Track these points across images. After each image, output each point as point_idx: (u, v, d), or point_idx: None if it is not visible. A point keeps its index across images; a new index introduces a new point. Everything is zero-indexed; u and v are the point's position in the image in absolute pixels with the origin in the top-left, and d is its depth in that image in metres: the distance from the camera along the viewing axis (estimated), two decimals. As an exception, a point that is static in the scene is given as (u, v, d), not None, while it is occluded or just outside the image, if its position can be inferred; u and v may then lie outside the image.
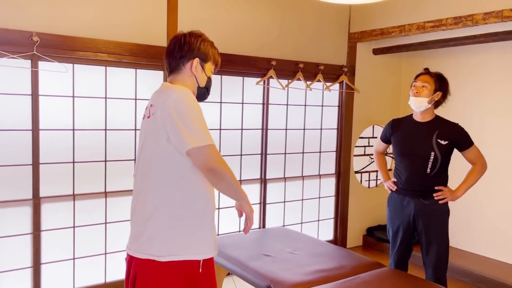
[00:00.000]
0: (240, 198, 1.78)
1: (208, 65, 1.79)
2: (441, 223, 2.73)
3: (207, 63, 1.78)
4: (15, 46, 2.73)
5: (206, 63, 1.78)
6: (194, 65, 1.74)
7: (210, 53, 1.78)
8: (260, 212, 4.04)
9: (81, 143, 3.08)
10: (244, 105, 3.85)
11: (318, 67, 4.12)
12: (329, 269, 2.52)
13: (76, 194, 3.09)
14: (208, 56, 1.78)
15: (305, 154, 4.29)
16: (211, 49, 1.79)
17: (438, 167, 2.68)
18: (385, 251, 4.40)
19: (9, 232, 2.88)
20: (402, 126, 2.87)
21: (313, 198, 4.40)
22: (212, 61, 1.80)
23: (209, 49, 1.78)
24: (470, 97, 4.14)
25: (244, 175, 3.92)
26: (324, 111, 4.37)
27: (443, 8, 3.50)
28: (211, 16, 3.53)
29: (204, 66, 1.77)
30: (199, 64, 1.75)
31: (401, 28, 3.82)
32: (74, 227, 3.11)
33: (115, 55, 3.09)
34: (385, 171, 3.05)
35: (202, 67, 1.76)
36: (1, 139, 2.81)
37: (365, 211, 4.73)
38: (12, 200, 2.87)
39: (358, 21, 4.29)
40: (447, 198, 2.70)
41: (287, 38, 3.98)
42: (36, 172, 2.92)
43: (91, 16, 3.01)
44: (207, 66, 1.79)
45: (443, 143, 2.67)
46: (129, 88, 3.26)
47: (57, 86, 2.97)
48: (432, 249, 2.72)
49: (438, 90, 2.71)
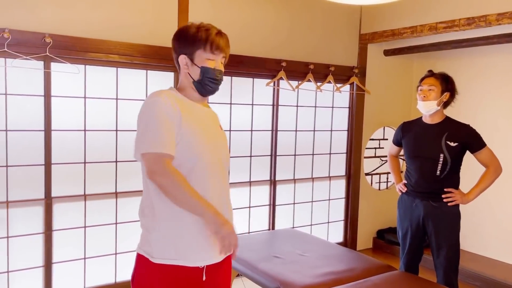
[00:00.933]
0: (199, 214, 1.52)
1: (199, 54, 1.61)
2: (451, 226, 2.70)
3: (196, 52, 1.61)
4: (28, 47, 2.76)
5: (194, 54, 1.61)
6: (183, 63, 1.64)
7: (195, 41, 1.60)
8: (269, 214, 4.04)
9: (92, 144, 3.10)
10: (254, 106, 3.85)
11: (328, 68, 4.11)
12: (339, 272, 2.51)
13: (87, 194, 3.12)
14: (192, 47, 1.61)
15: (315, 156, 4.27)
16: (195, 37, 1.60)
17: (448, 169, 2.65)
18: (396, 254, 4.36)
19: (21, 231, 2.91)
20: (412, 129, 2.85)
21: (323, 200, 4.38)
22: (201, 48, 1.60)
23: (191, 39, 1.61)
24: (483, 99, 4.09)
25: (254, 176, 3.91)
26: (335, 112, 4.36)
27: (455, 8, 3.47)
28: (222, 17, 3.54)
29: (194, 58, 1.62)
30: (187, 59, 1.63)
31: (412, 29, 3.79)
32: (85, 227, 3.13)
33: (126, 56, 3.11)
34: (397, 173, 3.03)
35: (191, 61, 1.62)
36: (15, 140, 2.84)
37: (375, 214, 4.70)
38: (25, 200, 2.90)
39: (369, 22, 4.26)
40: (457, 201, 2.66)
41: (298, 39, 3.97)
42: (48, 172, 2.95)
43: (103, 18, 3.04)
44: (197, 56, 1.61)
45: (452, 145, 2.64)
46: (140, 89, 3.28)
47: (69, 87, 3.00)
48: (442, 252, 2.69)
49: (445, 90, 2.69)
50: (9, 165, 2.84)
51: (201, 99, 1.70)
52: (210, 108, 1.77)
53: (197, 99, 1.68)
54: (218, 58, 1.64)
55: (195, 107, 1.65)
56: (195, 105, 1.66)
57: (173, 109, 1.53)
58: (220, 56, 1.65)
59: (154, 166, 1.48)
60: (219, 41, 1.62)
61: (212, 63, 1.63)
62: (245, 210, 3.89)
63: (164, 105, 1.52)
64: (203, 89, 1.65)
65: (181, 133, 1.53)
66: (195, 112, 1.63)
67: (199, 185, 1.56)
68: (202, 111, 1.68)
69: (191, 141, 1.55)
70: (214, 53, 1.62)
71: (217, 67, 1.64)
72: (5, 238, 2.86)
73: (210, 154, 1.60)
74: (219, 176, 1.64)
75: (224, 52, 1.66)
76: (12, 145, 2.84)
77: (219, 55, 1.64)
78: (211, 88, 1.65)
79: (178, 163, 1.53)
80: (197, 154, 1.56)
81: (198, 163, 1.57)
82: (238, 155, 3.78)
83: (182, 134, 1.54)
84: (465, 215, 2.96)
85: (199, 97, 1.68)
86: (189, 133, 1.55)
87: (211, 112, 1.75)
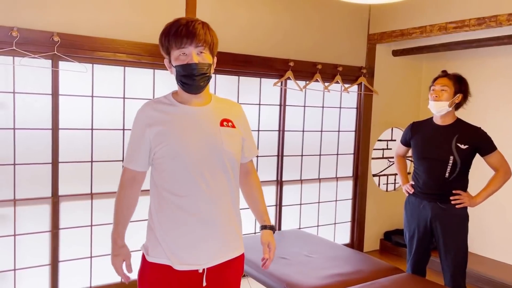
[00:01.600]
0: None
1: (173, 54, 1.54)
2: (459, 228, 2.67)
3: (171, 53, 1.55)
4: (36, 46, 2.77)
5: (170, 56, 1.56)
6: (168, 67, 1.61)
7: (165, 43, 1.54)
8: (276, 214, 4.02)
9: (99, 143, 3.10)
10: (261, 106, 3.83)
11: (336, 68, 4.08)
12: (346, 273, 2.49)
13: (94, 193, 3.12)
14: (167, 49, 1.55)
15: (322, 156, 4.25)
16: (163, 39, 1.55)
17: (458, 172, 2.62)
18: (403, 256, 4.33)
19: (28, 229, 2.92)
20: (422, 129, 2.82)
21: (330, 201, 4.35)
22: (173, 47, 1.53)
23: (162, 42, 1.56)
24: (493, 100, 4.04)
25: (261, 176, 3.88)
26: (342, 113, 4.33)
27: (466, 8, 3.43)
28: (229, 17, 3.52)
29: (171, 60, 1.56)
30: (168, 62, 1.59)
31: (422, 29, 3.76)
32: (91, 226, 3.14)
33: (133, 55, 3.11)
34: (404, 174, 3.00)
35: (170, 62, 1.58)
36: (22, 138, 2.85)
37: (382, 215, 4.67)
38: (32, 198, 2.91)
39: (378, 21, 4.23)
40: (465, 203, 2.63)
41: (305, 39, 3.95)
42: (55, 171, 2.95)
43: (111, 17, 3.04)
44: (173, 56, 1.55)
45: (462, 147, 2.61)
46: (147, 88, 3.28)
47: (76, 86, 3.00)
48: (450, 254, 2.67)
49: (458, 92, 2.65)
50: (16, 163, 2.85)
51: (195, 98, 1.60)
52: (210, 105, 1.65)
53: (191, 99, 1.60)
54: (190, 51, 1.51)
55: (180, 112, 1.59)
56: (181, 110, 1.59)
57: (149, 121, 1.57)
58: (191, 48, 1.51)
59: (121, 178, 1.67)
60: (182, 32, 1.50)
61: (184, 58, 1.53)
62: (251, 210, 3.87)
63: (139, 121, 1.60)
64: (184, 87, 1.56)
65: (160, 140, 1.55)
66: (180, 119, 1.58)
67: (182, 187, 1.55)
68: (192, 114, 1.60)
69: (170, 143, 1.55)
70: (182, 48, 1.51)
71: (190, 61, 1.52)
72: (12, 236, 2.87)
73: (194, 154, 1.55)
74: (209, 176, 1.57)
75: (195, 42, 1.50)
76: (20, 143, 2.85)
77: (188, 47, 1.51)
78: (190, 84, 1.54)
79: (163, 167, 1.57)
80: (177, 156, 1.54)
81: (179, 165, 1.55)
82: (245, 155, 3.76)
83: (162, 140, 1.55)
84: (474, 217, 2.92)
85: (191, 96, 1.59)
86: (166, 139, 1.55)
87: (209, 111, 1.63)
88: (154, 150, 1.57)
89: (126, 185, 1.65)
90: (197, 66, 1.52)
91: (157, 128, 1.56)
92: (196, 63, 1.52)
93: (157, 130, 1.56)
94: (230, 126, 1.64)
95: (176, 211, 1.57)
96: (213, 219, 1.59)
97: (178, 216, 1.57)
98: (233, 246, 1.67)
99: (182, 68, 1.53)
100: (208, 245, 1.58)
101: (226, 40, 3.47)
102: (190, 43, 1.51)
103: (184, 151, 1.54)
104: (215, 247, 1.60)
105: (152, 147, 1.57)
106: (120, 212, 1.68)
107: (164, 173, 1.57)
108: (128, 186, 1.65)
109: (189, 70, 1.52)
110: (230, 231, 1.65)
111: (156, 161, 1.59)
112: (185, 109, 1.60)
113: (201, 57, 1.54)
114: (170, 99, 1.62)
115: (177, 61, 1.54)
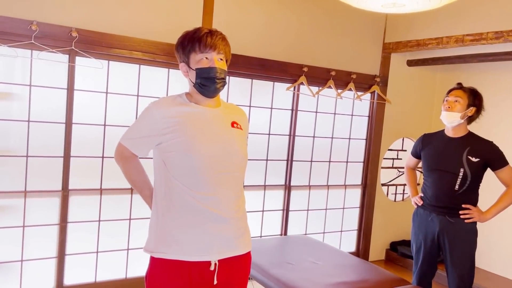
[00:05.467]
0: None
1: (193, 58, 1.63)
2: (467, 243, 2.64)
3: (190, 57, 1.63)
4: (54, 40, 2.81)
5: (189, 59, 1.64)
6: (183, 71, 1.69)
7: (187, 46, 1.63)
8: (282, 219, 4.01)
9: (111, 139, 3.12)
10: (273, 110, 3.84)
11: (350, 76, 4.07)
12: (351, 282, 2.47)
13: (103, 188, 3.14)
14: (187, 53, 1.63)
15: (331, 163, 4.24)
16: (185, 42, 1.63)
17: (468, 185, 2.60)
18: (408, 267, 4.29)
19: (37, 221, 2.95)
20: (433, 141, 2.81)
21: (337, 208, 4.34)
22: (193, 51, 1.62)
23: (183, 45, 1.64)
24: (507, 116, 4.00)
25: (269, 180, 3.90)
26: (354, 120, 4.32)
27: (484, 21, 3.41)
28: (245, 20, 3.54)
29: (190, 63, 1.64)
30: (185, 65, 1.66)
31: (438, 40, 3.74)
32: (99, 221, 3.16)
33: (149, 54, 3.14)
34: (414, 186, 2.98)
35: (188, 66, 1.65)
36: (36, 131, 2.88)
37: (389, 225, 4.64)
38: (42, 190, 2.94)
39: (394, 31, 4.22)
40: (474, 218, 2.61)
41: (320, 45, 3.95)
42: (67, 165, 2.98)
43: (129, 15, 3.07)
44: (192, 60, 1.63)
45: (474, 160, 2.58)
46: (161, 87, 3.30)
47: (91, 81, 3.03)
48: (456, 269, 2.64)
49: (471, 105, 2.63)
50: (29, 155, 2.88)
51: (209, 100, 1.68)
52: (220, 108, 1.72)
53: (204, 101, 1.68)
54: (212, 56, 1.62)
55: (195, 110, 1.66)
56: (196, 109, 1.66)
57: (162, 118, 1.60)
58: (214, 54, 1.62)
59: (115, 153, 1.73)
60: (207, 39, 1.61)
61: (206, 62, 1.62)
62: (258, 214, 3.87)
63: (153, 111, 1.62)
64: (202, 90, 1.64)
65: (173, 137, 1.59)
66: (195, 116, 1.65)
67: (197, 182, 1.60)
68: (205, 113, 1.67)
69: (183, 141, 1.59)
70: (205, 52, 1.61)
71: (212, 65, 1.62)
72: (21, 227, 2.90)
73: (208, 151, 1.60)
74: (223, 173, 1.64)
75: (217, 49, 1.62)
76: (33, 136, 2.88)
77: (211, 53, 1.62)
78: (208, 86, 1.62)
79: (175, 161, 1.60)
80: (190, 151, 1.58)
81: (192, 160, 1.59)
82: (254, 158, 3.77)
83: (175, 137, 1.59)
84: (482, 232, 2.89)
85: (205, 98, 1.67)
86: (183, 136, 1.59)
87: (220, 112, 1.71)
88: (166, 142, 1.60)
89: (128, 159, 1.72)
90: (219, 70, 1.62)
91: (171, 120, 1.60)
92: (219, 68, 1.63)
93: (171, 122, 1.60)
94: (239, 128, 1.74)
95: (190, 206, 1.60)
96: (226, 214, 1.64)
97: (192, 210, 1.60)
98: (243, 241, 1.72)
99: (204, 71, 1.61)
100: (221, 238, 1.63)
101: (241, 43, 3.48)
102: (213, 49, 1.62)
103: (198, 146, 1.59)
104: (227, 240, 1.65)
105: (163, 140, 1.60)
106: (136, 181, 1.77)
107: (177, 167, 1.60)
108: (130, 159, 1.73)
109: (211, 73, 1.61)
110: (241, 226, 1.72)
111: (166, 154, 1.61)
112: (199, 108, 1.67)
113: (221, 64, 1.65)
114: (184, 98, 1.69)
115: (199, 64, 1.62)
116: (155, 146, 1.64)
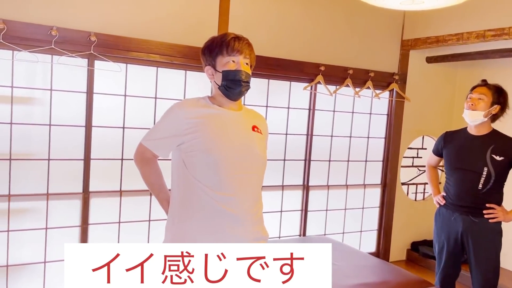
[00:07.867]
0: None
1: (219, 61, 1.68)
2: (491, 243, 2.59)
3: (217, 60, 1.68)
4: (74, 45, 2.85)
5: (216, 62, 1.68)
6: (209, 74, 1.73)
7: (214, 49, 1.68)
8: (301, 219, 4.00)
9: (130, 141, 3.16)
10: (290, 109, 3.82)
11: (368, 74, 4.03)
12: (371, 284, 2.44)
13: (123, 190, 3.18)
14: (213, 56, 1.68)
15: (350, 163, 4.20)
16: (213, 46, 1.69)
17: (492, 184, 2.54)
18: (431, 268, 4.22)
19: (59, 223, 3.00)
20: (455, 139, 2.75)
21: (357, 208, 4.29)
22: (220, 54, 1.67)
23: (210, 49, 1.70)
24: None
25: (287, 180, 3.88)
26: (372, 119, 4.27)
27: (505, 16, 3.32)
28: (262, 20, 3.53)
29: (216, 66, 1.69)
30: (211, 68, 1.71)
31: (458, 36, 3.66)
32: (119, 222, 3.20)
33: (166, 56, 3.16)
34: (435, 185, 2.93)
35: (214, 68, 1.70)
36: (57, 134, 2.93)
37: (410, 225, 4.57)
38: (64, 193, 2.99)
39: (412, 27, 4.15)
40: (499, 218, 2.55)
41: (337, 43, 3.92)
42: (87, 167, 3.02)
43: (146, 19, 3.09)
44: (218, 63, 1.68)
45: (498, 159, 2.52)
46: (179, 89, 3.32)
47: (110, 85, 3.07)
48: (480, 270, 2.59)
49: (496, 103, 2.56)
50: (51, 159, 2.93)
51: (232, 104, 1.72)
52: (242, 112, 1.77)
53: (227, 104, 1.71)
54: (239, 60, 1.67)
55: (218, 112, 1.69)
56: (218, 110, 1.70)
57: (186, 119, 1.63)
58: (240, 57, 1.67)
59: (135, 153, 1.76)
60: (235, 44, 1.66)
61: (233, 65, 1.66)
62: (276, 214, 3.86)
63: (175, 115, 1.65)
64: (228, 92, 1.67)
65: (195, 137, 1.62)
66: (217, 117, 1.68)
67: (218, 183, 1.62)
68: (228, 115, 1.71)
69: (205, 141, 1.62)
70: (232, 55, 1.66)
71: (238, 68, 1.66)
72: (44, 229, 2.95)
73: (227, 153, 1.63)
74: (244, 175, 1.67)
75: (244, 54, 1.68)
76: (54, 139, 2.93)
77: (238, 56, 1.66)
78: (234, 88, 1.66)
79: (195, 161, 1.63)
80: (211, 151, 1.61)
81: (214, 160, 1.62)
82: (272, 159, 3.76)
83: (197, 137, 1.62)
84: (507, 231, 2.82)
85: (228, 101, 1.71)
86: (204, 135, 1.62)
87: (241, 116, 1.76)
88: (187, 142, 1.62)
89: (148, 161, 1.75)
90: (245, 73, 1.67)
91: (194, 120, 1.63)
92: (245, 72, 1.68)
93: (193, 122, 1.62)
94: (259, 132, 1.77)
95: (209, 206, 1.62)
96: (244, 216, 1.66)
97: (210, 211, 1.62)
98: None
99: (231, 73, 1.66)
100: (238, 240, 1.64)
101: (258, 43, 3.43)
102: (240, 53, 1.67)
103: (219, 146, 1.63)
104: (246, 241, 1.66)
105: (185, 140, 1.63)
106: (154, 184, 1.80)
107: (198, 167, 1.63)
108: (150, 161, 1.76)
109: (237, 75, 1.65)
110: (258, 231, 1.73)
111: (187, 154, 1.64)
112: (222, 110, 1.70)
113: (247, 68, 1.70)
114: (207, 100, 1.73)
115: (225, 66, 1.67)
116: (176, 147, 1.66)
